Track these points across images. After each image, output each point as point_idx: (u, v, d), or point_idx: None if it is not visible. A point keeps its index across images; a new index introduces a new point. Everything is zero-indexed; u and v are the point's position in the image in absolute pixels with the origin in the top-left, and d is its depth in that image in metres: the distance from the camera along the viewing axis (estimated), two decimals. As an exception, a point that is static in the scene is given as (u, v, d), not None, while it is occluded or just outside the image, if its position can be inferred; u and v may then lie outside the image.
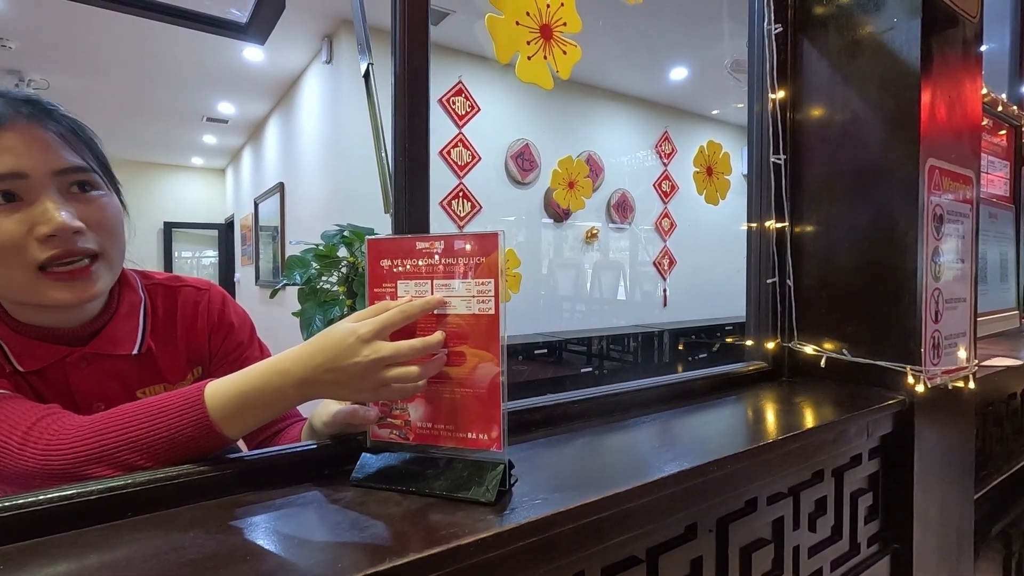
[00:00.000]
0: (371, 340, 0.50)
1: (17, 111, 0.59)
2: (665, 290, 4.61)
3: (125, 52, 3.64)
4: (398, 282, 0.57)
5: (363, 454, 0.58)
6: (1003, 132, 1.85)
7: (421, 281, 0.56)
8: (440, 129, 3.27)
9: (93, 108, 4.62)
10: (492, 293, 0.53)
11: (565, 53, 0.76)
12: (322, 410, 0.61)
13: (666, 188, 4.52)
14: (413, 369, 0.52)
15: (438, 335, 0.54)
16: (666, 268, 4.60)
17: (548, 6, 0.74)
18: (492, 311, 0.53)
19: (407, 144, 0.68)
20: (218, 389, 0.52)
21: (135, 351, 0.70)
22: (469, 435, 0.55)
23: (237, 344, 0.80)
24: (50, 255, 0.58)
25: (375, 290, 0.58)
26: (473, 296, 0.54)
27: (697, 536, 0.65)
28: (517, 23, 0.72)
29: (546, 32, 0.74)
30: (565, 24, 0.76)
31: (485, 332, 0.54)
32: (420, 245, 0.56)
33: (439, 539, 0.44)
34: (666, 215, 4.55)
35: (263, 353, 0.82)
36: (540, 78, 0.73)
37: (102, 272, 0.63)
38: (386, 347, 0.51)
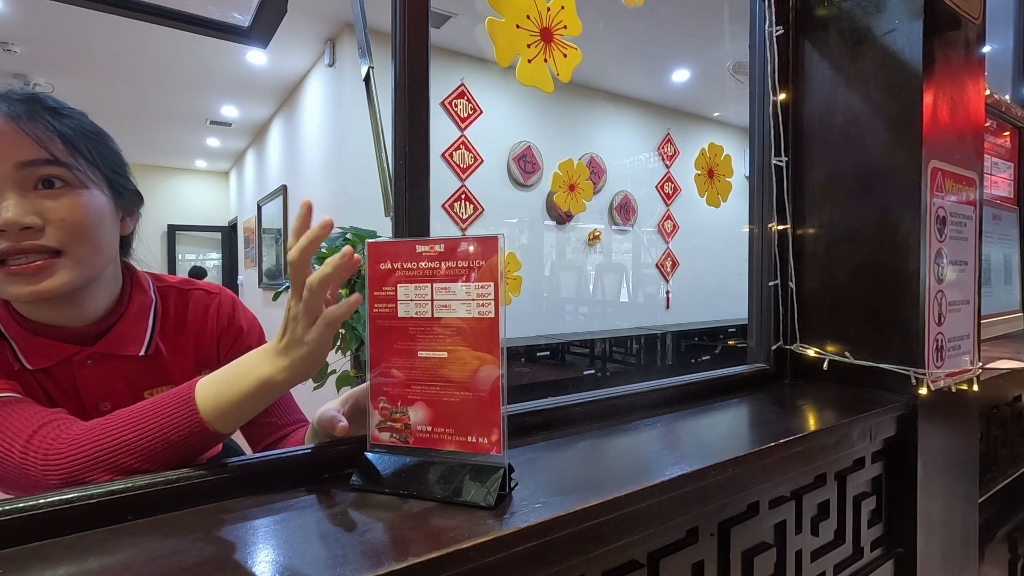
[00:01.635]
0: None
1: (3, 109, 0.58)
2: (668, 292, 4.61)
3: (129, 56, 3.66)
4: (398, 285, 0.57)
5: (363, 457, 0.57)
6: (1007, 133, 1.84)
7: (421, 284, 0.56)
8: (442, 131, 3.28)
9: (97, 112, 4.56)
10: (492, 296, 0.53)
11: (565, 56, 0.76)
12: (319, 411, 0.61)
13: (668, 190, 4.52)
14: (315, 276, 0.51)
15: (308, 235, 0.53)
16: (668, 270, 4.60)
17: (548, 9, 0.74)
18: (492, 314, 0.53)
19: (407, 147, 0.68)
20: (207, 381, 0.53)
21: (142, 352, 0.70)
22: (469, 438, 0.55)
23: (246, 348, 0.80)
24: (1, 249, 0.57)
25: (375, 293, 0.58)
26: (473, 299, 0.54)
27: (698, 540, 0.65)
28: (517, 26, 0.72)
29: (546, 35, 0.74)
30: (565, 27, 0.76)
31: (485, 335, 0.54)
32: (420, 248, 0.56)
33: (438, 543, 0.43)
34: (669, 217, 4.55)
35: None
36: (540, 81, 0.73)
37: (63, 270, 0.60)
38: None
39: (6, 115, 0.58)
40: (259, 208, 5.27)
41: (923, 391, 0.92)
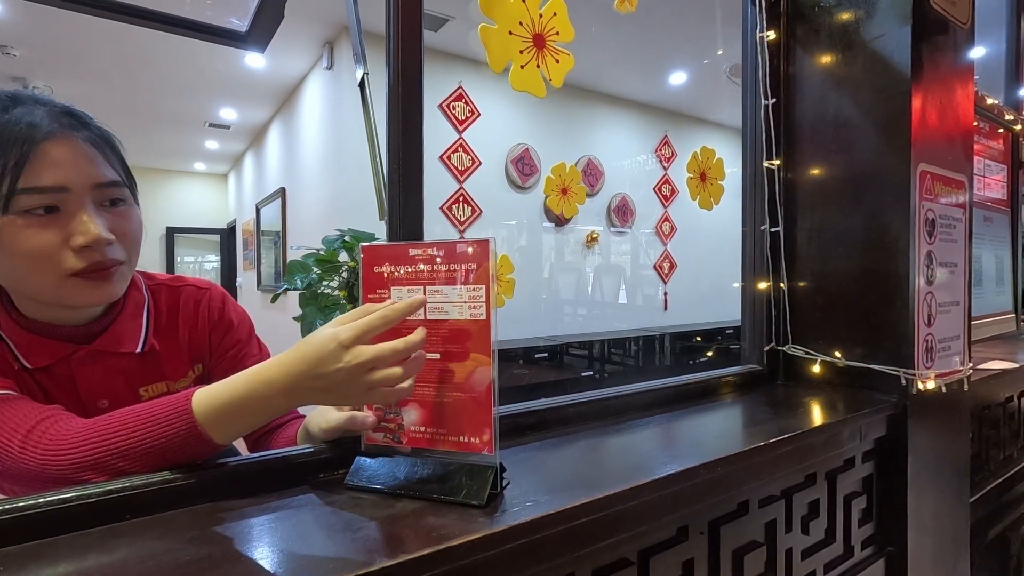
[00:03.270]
0: (352, 345, 0.50)
1: (60, 123, 0.61)
2: (666, 294, 4.62)
3: (128, 59, 3.67)
4: (392, 288, 0.58)
5: (357, 458, 0.58)
6: (1000, 136, 1.86)
7: (414, 287, 0.57)
8: (440, 134, 3.28)
9: (97, 115, 4.56)
10: (484, 299, 0.54)
11: (558, 62, 0.77)
12: (319, 416, 0.62)
13: (666, 192, 4.53)
14: (396, 371, 0.52)
15: (419, 333, 0.54)
16: (666, 272, 4.60)
17: (541, 16, 0.75)
18: (484, 317, 0.54)
19: (401, 152, 0.69)
20: (205, 398, 0.52)
21: (138, 349, 0.71)
22: (461, 439, 0.56)
23: (236, 341, 0.82)
24: (85, 264, 0.61)
25: (369, 296, 0.59)
26: (465, 302, 0.55)
27: (688, 538, 0.66)
28: (510, 33, 0.73)
29: (539, 41, 0.75)
30: (558, 33, 0.77)
31: (477, 337, 0.55)
32: (413, 252, 0.57)
33: (430, 540, 0.44)
34: (666, 219, 4.55)
35: (261, 351, 0.84)
36: (533, 87, 0.74)
37: (122, 276, 0.66)
38: (367, 351, 0.50)
39: (77, 135, 0.62)
40: (258, 210, 5.28)
41: (913, 391, 0.93)
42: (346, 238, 2.48)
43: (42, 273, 0.60)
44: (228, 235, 7.26)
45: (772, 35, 1.08)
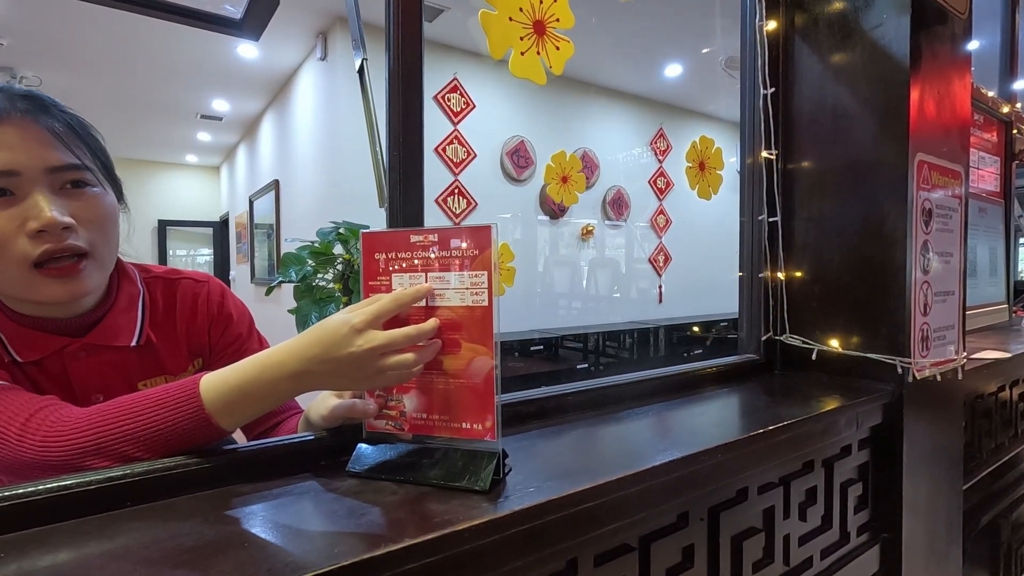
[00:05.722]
0: (365, 329, 0.51)
1: (14, 106, 0.59)
2: (661, 286, 4.63)
3: (118, 49, 3.62)
4: (392, 275, 0.57)
5: (359, 445, 0.58)
6: (994, 128, 1.87)
7: (415, 274, 0.56)
8: (435, 126, 3.27)
9: (86, 105, 4.58)
10: (486, 285, 0.54)
11: (558, 49, 0.77)
12: (319, 404, 0.61)
13: (661, 185, 4.54)
14: (408, 356, 0.52)
15: (432, 322, 0.54)
16: (661, 264, 4.62)
17: (541, 2, 0.75)
18: (486, 303, 0.54)
19: (401, 138, 0.68)
20: (213, 382, 0.52)
21: (134, 343, 0.70)
22: (463, 425, 0.55)
23: (236, 336, 0.81)
24: (41, 250, 0.59)
25: (370, 283, 0.58)
26: (467, 288, 0.55)
27: (689, 524, 0.66)
28: (510, 19, 0.72)
29: (539, 28, 0.75)
30: (558, 20, 0.76)
31: (479, 324, 0.54)
32: (414, 238, 0.56)
33: (434, 526, 0.44)
34: (661, 212, 4.56)
35: (262, 345, 0.83)
36: (533, 74, 0.74)
37: (92, 270, 0.63)
38: (380, 335, 0.51)
39: (31, 118, 0.60)
40: (251, 203, 5.24)
41: (909, 380, 0.93)
42: (341, 230, 2.46)
43: (3, 262, 0.59)
44: (221, 228, 7.20)
45: (772, 24, 1.07)
